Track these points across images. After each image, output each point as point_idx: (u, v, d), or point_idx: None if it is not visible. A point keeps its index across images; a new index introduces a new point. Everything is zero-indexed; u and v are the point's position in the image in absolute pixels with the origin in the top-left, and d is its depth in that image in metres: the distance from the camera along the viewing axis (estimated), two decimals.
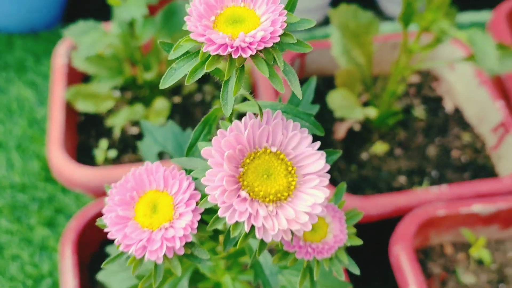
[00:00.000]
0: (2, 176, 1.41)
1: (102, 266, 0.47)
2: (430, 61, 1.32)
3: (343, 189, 0.55)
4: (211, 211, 0.47)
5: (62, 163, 1.09)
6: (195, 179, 0.47)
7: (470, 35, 0.96)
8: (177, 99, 1.28)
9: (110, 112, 1.26)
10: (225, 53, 0.38)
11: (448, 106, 1.36)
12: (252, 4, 0.40)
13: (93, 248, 1.10)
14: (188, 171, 0.46)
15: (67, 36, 1.10)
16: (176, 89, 1.30)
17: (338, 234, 0.51)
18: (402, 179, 1.21)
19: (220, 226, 0.45)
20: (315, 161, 0.44)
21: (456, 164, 1.25)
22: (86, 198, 1.33)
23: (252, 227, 0.42)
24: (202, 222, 0.47)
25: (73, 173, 1.08)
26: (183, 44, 0.41)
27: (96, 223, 0.48)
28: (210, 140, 0.44)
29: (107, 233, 0.45)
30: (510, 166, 1.17)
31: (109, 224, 0.45)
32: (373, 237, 0.95)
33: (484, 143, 1.28)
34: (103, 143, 1.20)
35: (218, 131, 0.43)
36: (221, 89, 0.41)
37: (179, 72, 0.41)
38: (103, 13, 1.43)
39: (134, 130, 1.23)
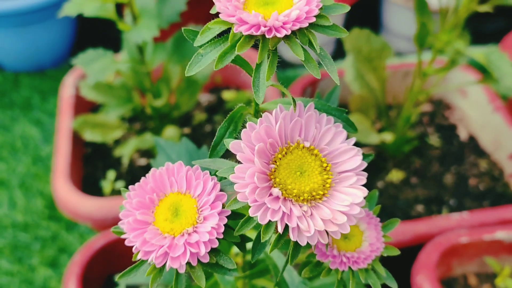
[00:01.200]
0: (4, 214, 1.36)
1: (116, 279, 0.43)
2: (445, 85, 1.30)
3: (376, 195, 0.51)
4: (238, 216, 0.43)
5: (67, 194, 1.05)
6: (220, 179, 0.43)
7: (487, 54, 0.94)
8: (186, 130, 1.25)
9: (118, 143, 1.23)
10: (258, 33, 0.35)
11: (463, 134, 1.33)
12: None
13: (99, 283, 1.05)
14: (213, 173, 0.42)
15: (76, 65, 1.08)
16: (186, 119, 1.27)
17: (375, 243, 0.46)
18: (419, 208, 1.16)
19: (248, 231, 0.41)
20: (351, 158, 0.41)
21: (475, 192, 1.20)
22: (91, 235, 1.28)
23: (285, 229, 0.39)
24: (229, 228, 0.43)
25: (78, 204, 1.04)
26: (212, 26, 0.38)
27: (112, 230, 0.44)
28: (237, 139, 0.40)
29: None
30: None
31: (127, 229, 0.41)
32: (392, 267, 0.90)
33: (502, 170, 1.24)
34: (111, 174, 1.16)
35: (248, 124, 0.39)
36: (253, 76, 0.38)
37: (207, 58, 0.38)
38: (111, 49, 1.42)
39: (142, 162, 1.20)
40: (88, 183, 1.18)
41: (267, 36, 0.36)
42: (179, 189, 0.43)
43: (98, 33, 1.81)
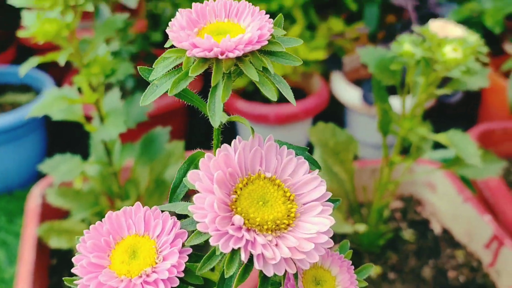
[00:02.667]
0: None
1: None
2: (411, 175, 1.31)
3: (347, 245, 0.49)
4: (199, 258, 0.40)
5: None
6: (180, 219, 0.41)
7: (450, 136, 0.96)
8: None
9: None
10: (211, 54, 0.36)
11: (436, 227, 1.32)
12: (236, 18, 0.39)
13: None
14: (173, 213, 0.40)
15: (42, 171, 1.07)
16: None
17: (348, 286, 0.44)
18: None
19: (211, 268, 0.38)
20: (315, 188, 0.40)
21: (455, 285, 1.17)
22: None
23: (250, 262, 0.36)
24: (190, 270, 0.40)
25: None
26: (166, 56, 0.38)
27: (64, 279, 0.40)
28: None
29: None
30: (511, 280, 1.10)
31: (80, 272, 0.38)
32: None
33: (479, 260, 1.22)
34: None
35: (206, 154, 0.39)
36: (208, 100, 0.38)
37: (162, 88, 0.38)
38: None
39: None
40: None
41: (220, 57, 0.36)
42: (137, 231, 0.40)
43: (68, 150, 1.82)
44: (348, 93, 1.75)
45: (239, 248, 0.36)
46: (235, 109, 1.69)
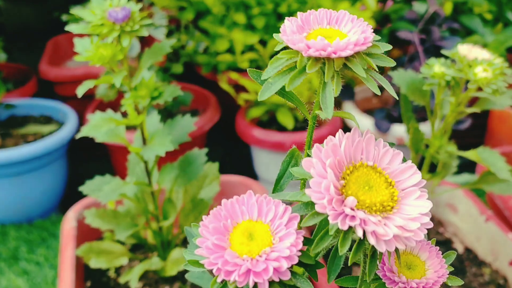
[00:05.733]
0: None
1: None
2: (435, 199, 1.36)
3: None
4: (309, 240, 0.44)
5: None
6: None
7: (479, 152, 1.01)
8: None
9: (120, 273, 1.20)
10: (325, 54, 0.41)
11: (459, 247, 1.36)
12: (337, 25, 0.44)
13: None
14: None
15: (84, 191, 1.10)
16: None
17: (439, 270, 0.47)
18: None
19: (323, 248, 0.42)
20: (412, 176, 0.44)
21: None
22: None
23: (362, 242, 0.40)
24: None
25: None
26: (281, 56, 0.43)
27: (188, 261, 0.44)
28: None
29: None
30: None
31: (207, 253, 0.41)
32: None
33: (505, 277, 1.25)
34: None
35: (315, 146, 0.43)
36: (319, 94, 0.42)
37: (277, 84, 0.42)
38: None
39: None
40: None
41: (332, 56, 0.41)
42: (250, 217, 0.44)
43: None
44: (360, 122, 1.81)
45: (350, 228, 0.40)
46: (253, 137, 1.73)
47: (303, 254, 0.43)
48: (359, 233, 0.39)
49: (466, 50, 1.00)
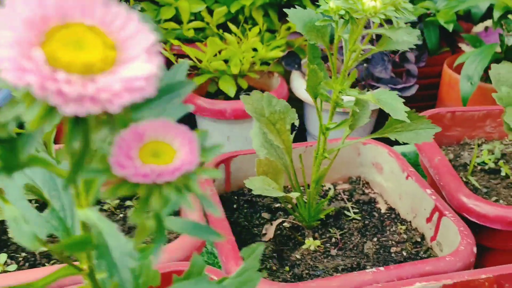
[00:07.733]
0: None
1: None
2: (360, 160, 1.29)
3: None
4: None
5: None
6: None
7: (377, 94, 0.95)
8: None
9: None
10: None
11: (383, 206, 1.30)
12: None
13: None
14: None
15: None
16: None
17: (188, 157, 0.41)
18: None
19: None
20: (142, 39, 0.38)
21: (398, 259, 1.14)
22: None
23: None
24: None
25: None
26: None
27: None
28: None
29: None
30: (452, 249, 1.07)
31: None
32: None
33: (423, 235, 1.19)
34: None
35: None
36: None
37: None
38: None
39: None
40: None
41: None
42: None
43: None
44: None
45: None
46: (196, 105, 1.71)
47: None
48: (37, 89, 0.33)
49: None
